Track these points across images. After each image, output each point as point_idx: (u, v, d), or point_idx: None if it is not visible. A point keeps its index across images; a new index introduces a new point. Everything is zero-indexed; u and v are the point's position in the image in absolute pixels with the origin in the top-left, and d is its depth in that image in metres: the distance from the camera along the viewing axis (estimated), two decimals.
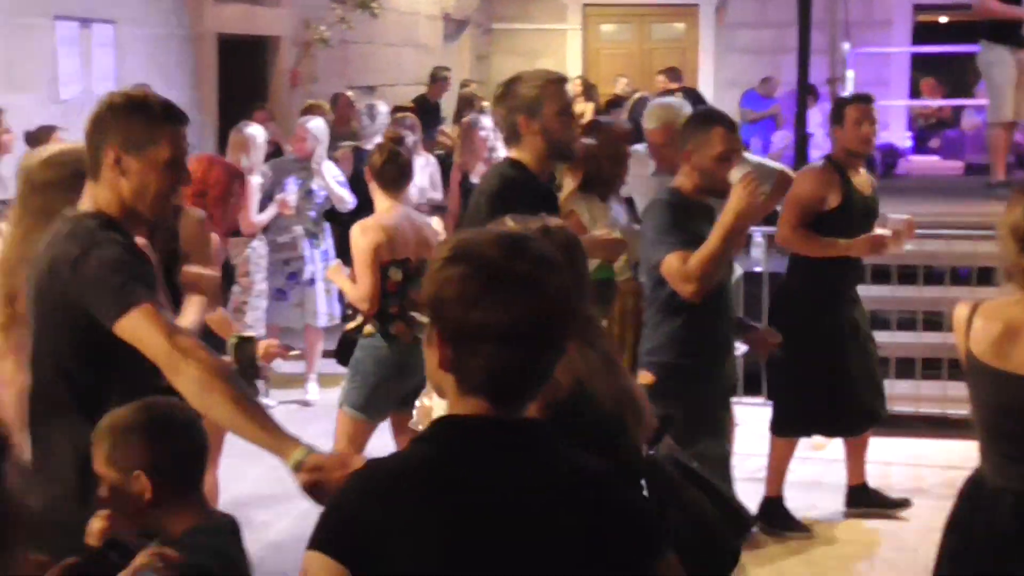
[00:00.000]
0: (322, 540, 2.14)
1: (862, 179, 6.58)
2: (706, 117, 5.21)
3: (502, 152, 8.00)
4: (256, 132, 8.63)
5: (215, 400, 3.06)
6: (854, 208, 6.43)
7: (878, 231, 6.45)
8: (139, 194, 3.37)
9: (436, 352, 2.23)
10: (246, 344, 3.95)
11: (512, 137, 4.91)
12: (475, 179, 9.29)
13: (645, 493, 3.10)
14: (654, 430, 3.20)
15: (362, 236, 6.05)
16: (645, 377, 4.97)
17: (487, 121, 9.71)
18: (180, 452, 3.05)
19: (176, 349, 3.11)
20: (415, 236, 6.12)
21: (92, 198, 3.41)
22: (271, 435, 3.02)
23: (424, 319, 2.27)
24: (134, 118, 3.37)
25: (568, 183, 6.16)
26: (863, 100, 6.64)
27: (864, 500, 6.86)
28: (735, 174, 4.78)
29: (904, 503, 6.84)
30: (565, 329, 2.26)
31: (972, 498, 3.87)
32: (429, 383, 2.36)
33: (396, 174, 6.13)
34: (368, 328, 6.09)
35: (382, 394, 6.08)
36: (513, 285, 2.17)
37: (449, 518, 2.13)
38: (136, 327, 3.16)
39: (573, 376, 3.06)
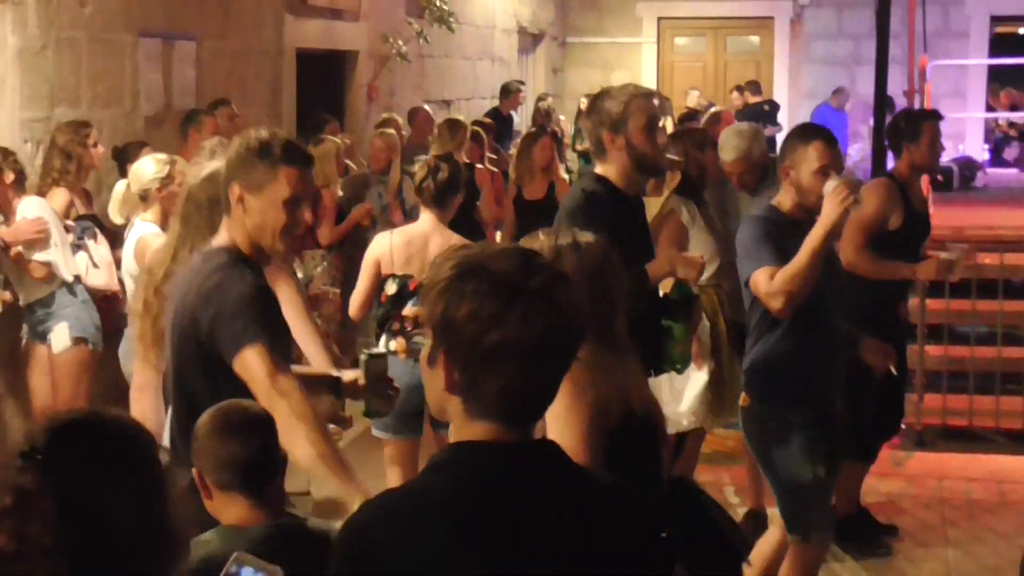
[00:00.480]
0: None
1: (918, 196, 6.52)
2: (804, 132, 5.08)
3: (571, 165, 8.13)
4: (335, 144, 8.78)
5: (296, 441, 3.34)
6: (915, 227, 6.37)
7: (942, 255, 6.34)
8: (260, 230, 3.62)
9: (442, 375, 2.16)
10: (376, 360, 4.00)
11: (599, 152, 4.91)
12: (529, 195, 9.26)
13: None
14: (673, 445, 3.18)
15: (372, 244, 6.16)
16: (742, 399, 4.97)
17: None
18: (231, 455, 3.13)
19: (274, 389, 3.41)
20: (432, 257, 6.01)
21: (227, 233, 3.69)
22: (341, 480, 3.37)
23: (425, 339, 2.20)
24: (256, 159, 3.61)
25: (669, 184, 6.21)
26: (938, 117, 6.57)
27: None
28: (827, 186, 4.74)
29: (893, 531, 6.71)
30: (578, 346, 2.19)
31: None
32: (430, 406, 2.28)
33: (434, 190, 6.02)
34: (394, 346, 6.07)
35: (405, 413, 5.87)
36: (532, 301, 2.10)
37: (483, 549, 2.07)
38: (247, 365, 3.44)
39: (620, 394, 3.08)
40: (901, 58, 13.35)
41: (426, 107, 12.16)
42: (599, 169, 4.93)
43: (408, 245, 6.03)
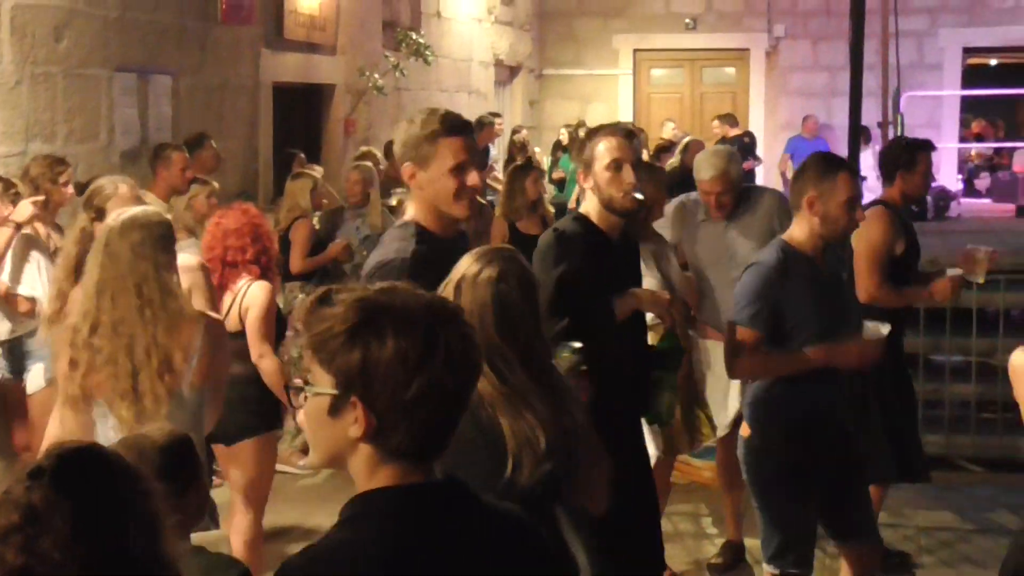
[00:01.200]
0: None
1: (909, 221, 6.55)
2: (828, 163, 5.01)
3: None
4: (312, 178, 8.80)
5: None
6: (916, 252, 6.40)
7: (950, 272, 6.33)
8: (436, 199, 4.04)
9: (352, 424, 2.11)
10: (568, 357, 3.90)
11: (583, 191, 4.96)
12: (524, 229, 9.21)
13: None
14: (542, 479, 3.09)
15: None
16: (743, 429, 4.98)
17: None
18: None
19: None
20: None
21: (411, 208, 4.15)
22: None
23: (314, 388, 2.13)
24: (419, 137, 3.99)
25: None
26: (932, 147, 6.59)
27: None
28: (871, 330, 4.79)
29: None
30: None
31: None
32: (315, 456, 2.22)
33: None
34: None
35: None
36: (450, 342, 2.10)
37: None
38: None
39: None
40: (876, 90, 13.43)
41: None
42: (583, 207, 4.96)
43: None
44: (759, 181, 15.25)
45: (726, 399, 6.44)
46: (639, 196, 4.86)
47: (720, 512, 6.85)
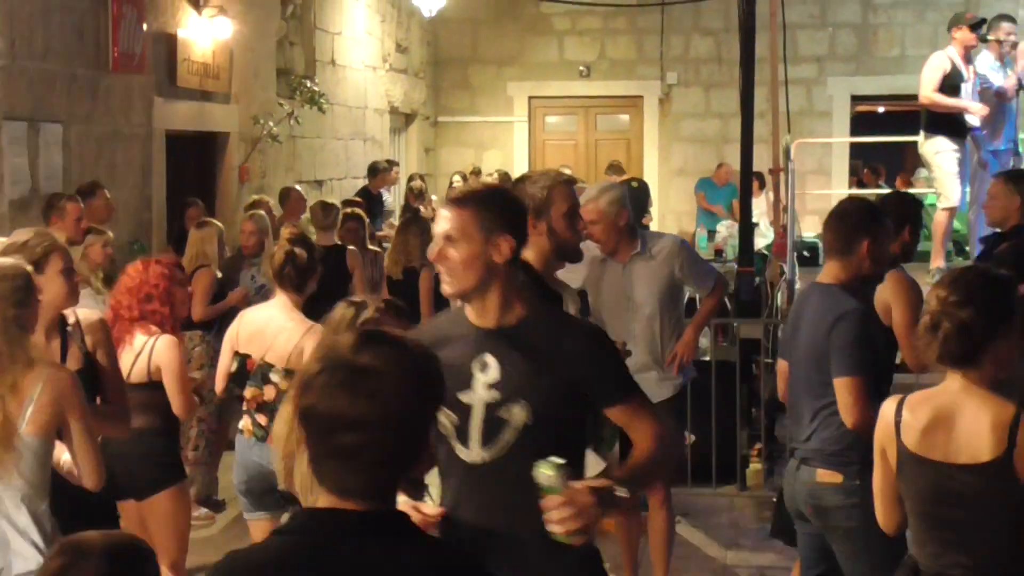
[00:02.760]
0: None
1: None
2: (881, 208, 5.40)
3: None
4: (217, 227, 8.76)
5: None
6: None
7: None
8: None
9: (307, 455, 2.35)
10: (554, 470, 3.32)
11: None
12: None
13: None
14: None
15: (232, 324, 6.23)
16: (831, 475, 4.95)
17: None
18: None
19: None
20: (271, 339, 5.99)
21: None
22: None
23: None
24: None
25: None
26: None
27: None
28: None
29: None
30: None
31: None
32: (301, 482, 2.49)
33: (294, 276, 6.04)
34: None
35: (243, 489, 6.10)
36: (362, 381, 2.28)
37: None
38: None
39: None
40: (767, 136, 13.64)
41: (298, 187, 12.14)
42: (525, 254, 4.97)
43: (252, 324, 6.09)
44: (653, 227, 15.37)
45: None
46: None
47: (618, 559, 6.87)
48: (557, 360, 3.49)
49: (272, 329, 5.96)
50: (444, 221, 3.50)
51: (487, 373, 3.49)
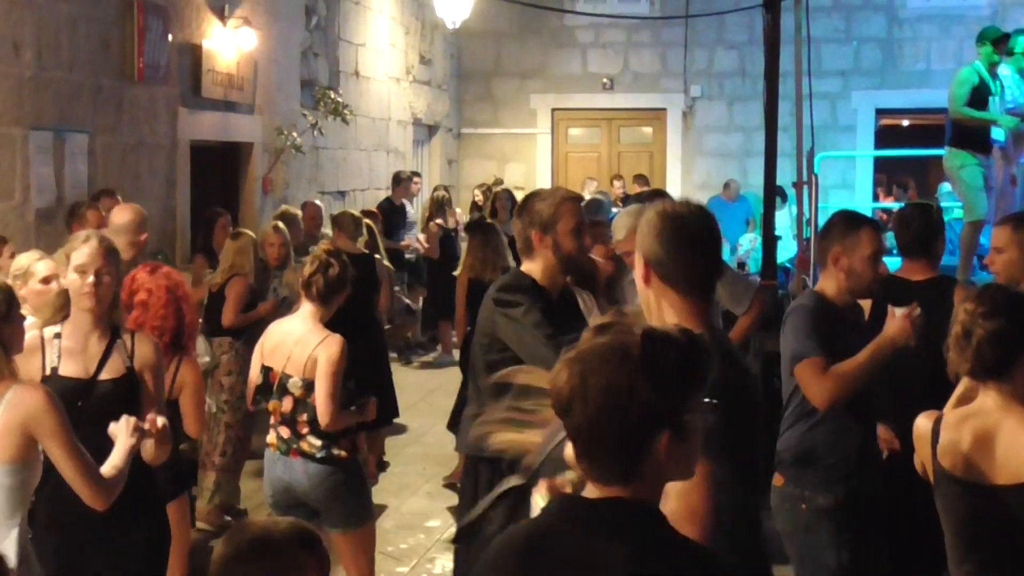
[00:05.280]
0: None
1: None
2: (852, 219, 5.15)
3: None
4: (251, 237, 8.77)
5: None
6: None
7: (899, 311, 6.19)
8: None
9: None
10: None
11: (526, 250, 5.04)
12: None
13: None
14: None
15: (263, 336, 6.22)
16: (776, 479, 4.99)
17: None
18: None
19: None
20: (290, 350, 5.97)
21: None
22: None
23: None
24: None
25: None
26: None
27: None
28: (899, 311, 4.85)
29: None
30: None
31: None
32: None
33: (322, 287, 5.98)
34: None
35: (271, 502, 6.12)
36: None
37: None
38: None
39: None
40: (791, 150, 13.60)
41: (316, 201, 12.16)
42: (524, 267, 5.06)
43: (276, 336, 6.06)
44: None
45: None
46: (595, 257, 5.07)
47: None
48: None
49: (291, 340, 5.96)
50: None
51: None
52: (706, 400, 2.43)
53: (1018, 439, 3.68)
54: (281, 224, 9.77)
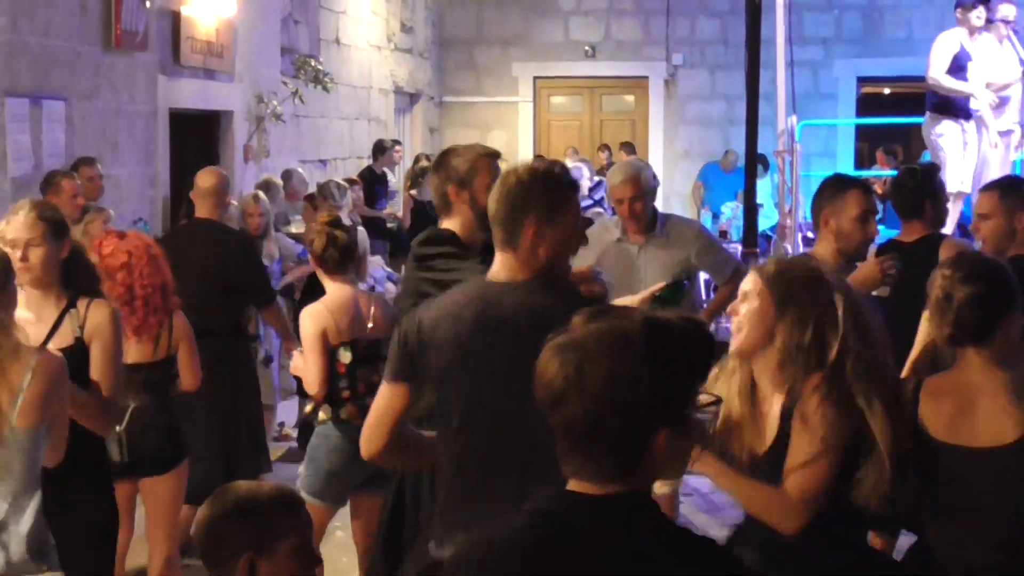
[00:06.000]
0: None
1: None
2: (840, 181, 5.31)
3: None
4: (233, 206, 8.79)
5: None
6: None
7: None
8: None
9: None
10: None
11: (443, 207, 5.01)
12: None
13: None
14: None
15: (310, 321, 5.92)
16: None
17: None
18: None
19: None
20: (365, 316, 5.99)
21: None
22: None
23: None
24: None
25: None
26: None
27: None
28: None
29: None
30: None
31: (917, 565, 3.89)
32: None
33: (337, 257, 5.96)
34: (322, 415, 5.97)
35: (337, 481, 5.97)
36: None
37: None
38: None
39: None
40: (772, 119, 13.60)
41: (299, 168, 12.12)
42: (444, 223, 5.02)
43: (345, 312, 5.95)
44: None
45: None
46: None
47: None
48: None
49: (363, 307, 6.02)
50: None
51: None
52: (707, 394, 2.33)
53: (998, 401, 3.69)
54: (261, 193, 9.74)
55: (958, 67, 10.13)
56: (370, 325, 5.97)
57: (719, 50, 18.97)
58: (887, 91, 20.82)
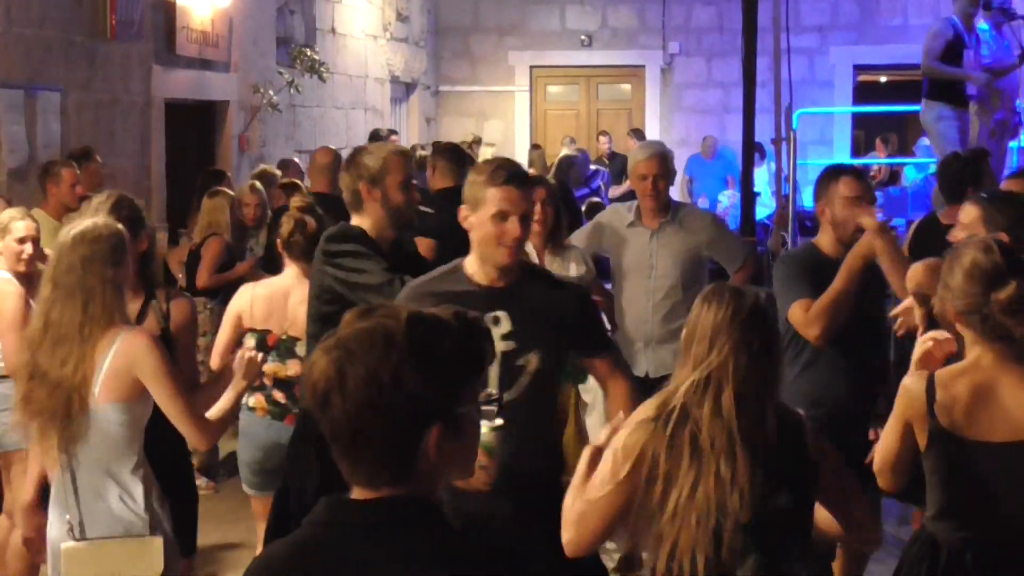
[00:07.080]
0: None
1: None
2: (833, 171, 5.37)
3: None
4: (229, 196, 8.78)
5: None
6: None
7: None
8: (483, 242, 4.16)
9: None
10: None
11: (354, 204, 5.04)
12: None
13: None
14: None
15: (235, 298, 6.06)
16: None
17: None
18: None
19: None
20: (290, 313, 5.85)
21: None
22: None
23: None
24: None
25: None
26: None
27: None
28: (866, 220, 5.02)
29: None
30: None
31: (922, 556, 3.87)
32: None
33: (302, 243, 5.85)
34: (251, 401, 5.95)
35: (256, 468, 5.99)
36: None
37: None
38: None
39: None
40: (769, 106, 13.58)
41: (295, 159, 12.09)
42: (355, 220, 5.05)
43: (269, 300, 5.93)
44: None
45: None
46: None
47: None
48: (553, 313, 4.15)
49: (292, 302, 5.82)
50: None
51: (499, 326, 4.05)
52: (486, 391, 2.25)
53: (1018, 396, 3.67)
54: (258, 184, 9.71)
55: (953, 54, 10.11)
56: (288, 324, 5.87)
57: (715, 38, 18.92)
58: (883, 79, 20.79)
